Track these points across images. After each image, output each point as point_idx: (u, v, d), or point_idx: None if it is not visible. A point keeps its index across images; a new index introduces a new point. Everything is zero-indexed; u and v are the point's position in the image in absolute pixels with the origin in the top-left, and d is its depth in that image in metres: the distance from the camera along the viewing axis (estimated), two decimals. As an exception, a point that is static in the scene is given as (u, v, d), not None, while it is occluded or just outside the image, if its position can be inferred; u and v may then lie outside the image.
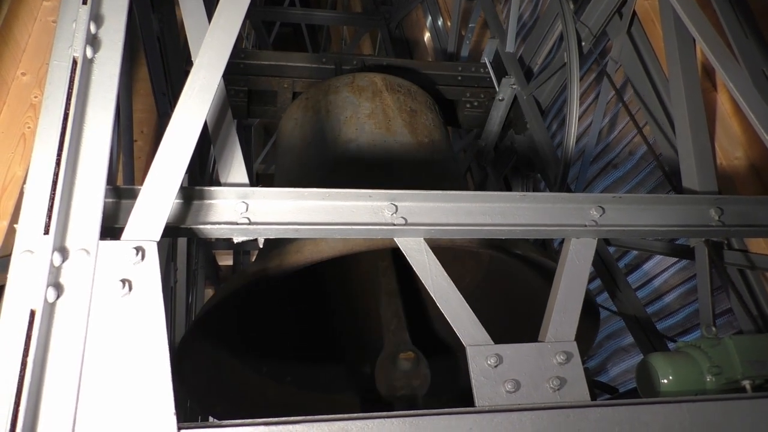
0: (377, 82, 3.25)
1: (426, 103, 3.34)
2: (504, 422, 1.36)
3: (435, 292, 1.65)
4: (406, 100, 3.21)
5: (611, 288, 3.43)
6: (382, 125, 3.00)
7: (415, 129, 3.06)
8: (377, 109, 3.09)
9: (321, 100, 3.21)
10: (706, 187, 2.29)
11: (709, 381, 1.77)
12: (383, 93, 3.19)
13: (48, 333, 1.24)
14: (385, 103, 3.14)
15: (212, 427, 1.27)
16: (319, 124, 3.13)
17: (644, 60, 3.06)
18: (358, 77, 3.28)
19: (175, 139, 1.55)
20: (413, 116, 3.15)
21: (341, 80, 3.28)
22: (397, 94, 3.21)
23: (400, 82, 3.32)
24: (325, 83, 3.31)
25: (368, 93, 3.17)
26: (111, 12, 1.62)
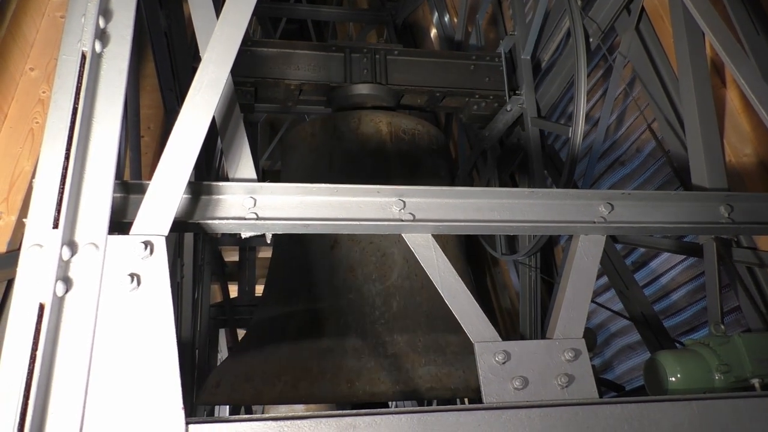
0: (383, 130, 3.26)
1: (429, 146, 3.39)
2: (512, 419, 1.35)
3: (443, 288, 1.65)
4: (409, 151, 3.26)
5: (618, 285, 3.42)
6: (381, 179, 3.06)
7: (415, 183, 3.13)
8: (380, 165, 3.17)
9: (326, 143, 3.24)
10: (716, 184, 2.28)
11: (717, 379, 1.76)
12: (387, 144, 3.23)
13: (57, 327, 1.24)
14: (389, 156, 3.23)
15: (220, 421, 1.27)
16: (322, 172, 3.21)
17: (653, 56, 3.04)
18: (364, 120, 3.28)
19: (183, 134, 1.55)
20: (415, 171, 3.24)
21: (347, 123, 3.28)
22: (401, 143, 3.25)
23: (405, 126, 3.33)
24: (332, 122, 3.32)
25: (372, 144, 3.21)
26: (120, 7, 1.62)
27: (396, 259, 2.90)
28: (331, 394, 2.36)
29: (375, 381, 2.41)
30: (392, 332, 2.64)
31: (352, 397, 2.34)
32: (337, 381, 2.38)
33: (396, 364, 2.49)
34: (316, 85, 3.58)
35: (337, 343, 2.61)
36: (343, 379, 2.38)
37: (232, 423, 1.26)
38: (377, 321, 2.69)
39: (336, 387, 2.35)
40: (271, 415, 1.28)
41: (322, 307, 2.78)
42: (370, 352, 2.55)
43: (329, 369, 2.44)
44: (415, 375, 2.42)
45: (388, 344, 2.58)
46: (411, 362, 2.48)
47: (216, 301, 6.15)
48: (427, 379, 2.40)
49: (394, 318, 2.70)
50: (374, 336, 2.62)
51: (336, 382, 2.37)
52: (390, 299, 2.77)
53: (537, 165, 3.61)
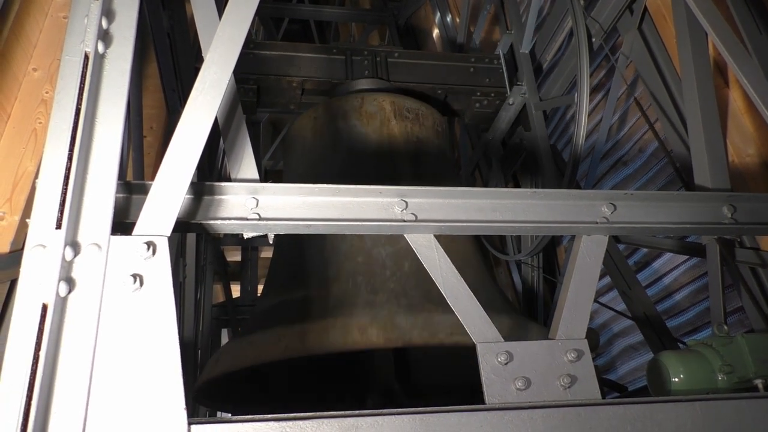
0: (386, 108, 3.24)
1: (433, 126, 3.35)
2: (515, 420, 1.35)
3: (445, 289, 1.65)
4: (413, 129, 3.22)
5: (621, 286, 3.41)
6: (386, 158, 3.05)
7: (419, 163, 3.10)
8: (384, 143, 3.12)
9: (330, 125, 3.21)
10: (719, 185, 2.28)
11: (720, 380, 1.75)
12: (391, 122, 3.19)
13: (60, 327, 1.24)
14: (392, 135, 3.16)
15: (222, 422, 1.27)
16: (326, 154, 3.16)
17: (655, 56, 3.03)
18: (367, 101, 3.26)
19: (186, 135, 1.55)
20: (419, 146, 3.18)
21: (350, 103, 3.26)
22: (405, 121, 3.22)
23: (408, 106, 3.31)
24: (334, 104, 3.30)
25: (376, 123, 3.18)
26: (122, 7, 1.62)
27: None
28: (341, 341, 2.16)
29: (389, 327, 2.20)
30: (405, 288, 2.49)
31: (365, 343, 2.15)
32: (347, 330, 2.18)
33: (412, 312, 2.32)
34: (318, 83, 3.60)
35: (347, 299, 2.46)
36: (354, 328, 2.19)
37: (235, 423, 1.27)
38: (389, 279, 2.53)
39: (347, 335, 2.16)
40: (274, 416, 1.28)
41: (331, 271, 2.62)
42: (382, 304, 2.37)
43: (338, 319, 2.27)
44: (432, 322, 2.24)
45: (401, 296, 2.42)
46: (428, 311, 2.30)
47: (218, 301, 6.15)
48: (447, 326, 2.18)
49: (407, 276, 2.53)
50: (386, 292, 2.47)
51: (347, 331, 2.18)
52: (401, 260, 2.61)
53: (545, 153, 3.59)
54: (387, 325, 2.22)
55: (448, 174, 3.22)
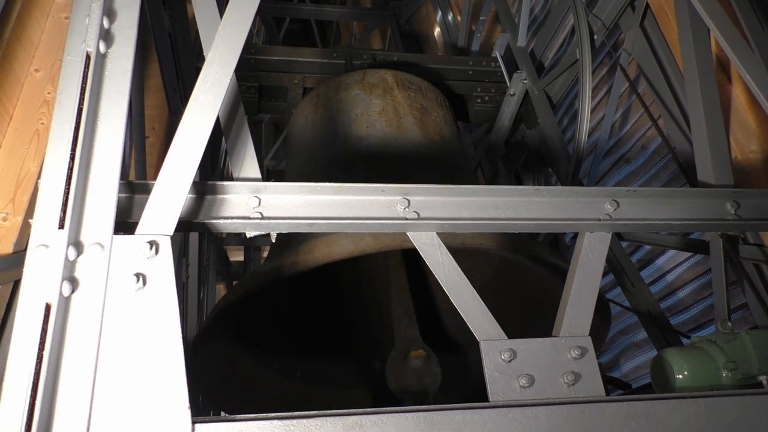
0: (388, 79, 3.23)
1: (437, 99, 3.32)
2: (519, 417, 1.35)
3: (448, 286, 1.65)
4: (416, 97, 3.19)
5: (624, 283, 3.40)
6: (392, 123, 2.98)
7: (426, 126, 3.04)
8: (388, 107, 3.07)
9: (332, 97, 3.19)
10: (722, 181, 2.27)
11: (725, 376, 1.74)
12: (394, 90, 3.17)
13: (63, 327, 1.24)
14: (396, 101, 3.12)
15: (226, 421, 1.27)
16: (329, 122, 3.12)
17: (657, 53, 3.03)
18: (368, 74, 3.26)
19: (188, 134, 1.55)
20: (424, 113, 3.12)
21: (352, 77, 3.26)
22: (408, 91, 3.19)
23: (411, 78, 3.30)
24: (336, 80, 3.30)
25: (379, 90, 3.15)
26: (123, 7, 1.62)
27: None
28: (353, 246, 2.09)
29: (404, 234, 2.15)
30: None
31: (379, 245, 2.08)
32: (360, 236, 2.09)
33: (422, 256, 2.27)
34: (318, 80, 3.61)
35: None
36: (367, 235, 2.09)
37: (239, 422, 1.27)
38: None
39: (359, 241, 2.08)
40: (278, 414, 1.28)
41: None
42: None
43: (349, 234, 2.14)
44: None
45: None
46: None
47: (221, 301, 6.15)
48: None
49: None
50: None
51: (358, 238, 2.10)
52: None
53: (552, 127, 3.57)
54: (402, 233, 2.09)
55: (456, 146, 3.18)
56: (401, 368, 2.24)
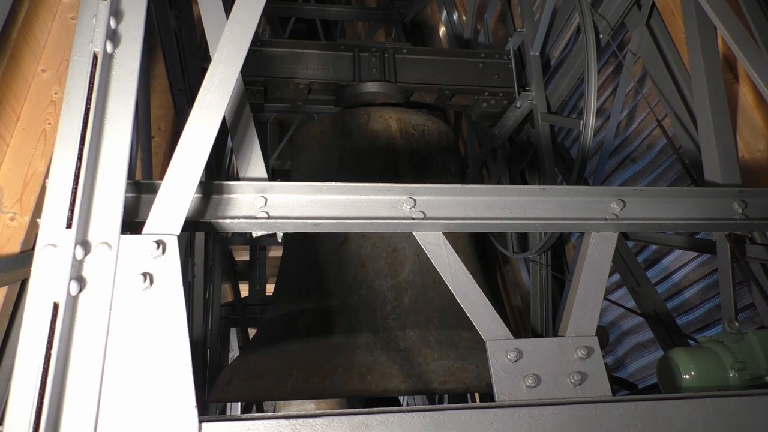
0: (392, 126, 3.27)
1: (439, 143, 3.39)
2: (525, 417, 1.35)
3: (454, 286, 1.65)
4: (418, 147, 3.27)
5: (630, 283, 3.39)
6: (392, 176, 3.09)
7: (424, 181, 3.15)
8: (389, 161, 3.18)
9: (336, 141, 3.24)
10: (729, 180, 2.26)
11: (732, 376, 1.74)
12: (396, 141, 3.23)
13: (71, 326, 1.25)
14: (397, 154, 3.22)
15: (233, 420, 1.28)
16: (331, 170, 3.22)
17: (663, 52, 3.01)
18: (373, 117, 3.29)
19: (194, 134, 1.56)
20: (424, 167, 3.24)
21: (357, 120, 3.28)
22: (411, 140, 3.25)
23: (415, 122, 3.33)
24: (340, 119, 3.32)
25: (381, 142, 3.22)
26: (130, 7, 1.63)
27: (407, 255, 2.90)
28: (342, 388, 2.34)
29: (387, 375, 2.38)
30: (404, 327, 2.62)
31: (364, 391, 2.32)
32: (349, 376, 2.36)
33: (408, 358, 2.47)
34: (325, 84, 3.59)
35: (348, 338, 2.60)
36: (355, 374, 2.37)
37: (246, 421, 1.27)
38: (389, 316, 2.68)
39: (348, 382, 2.34)
40: (284, 414, 1.28)
41: (333, 304, 2.78)
42: (382, 346, 2.53)
43: (341, 364, 2.43)
44: (428, 369, 2.40)
45: (400, 339, 2.56)
46: (424, 356, 2.46)
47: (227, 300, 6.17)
48: (440, 373, 2.38)
49: (406, 313, 2.69)
50: (386, 331, 2.60)
51: (348, 377, 2.36)
52: (402, 294, 2.76)
53: (548, 161, 3.59)
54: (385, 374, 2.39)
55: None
56: None
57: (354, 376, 2.36)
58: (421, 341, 2.55)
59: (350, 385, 2.34)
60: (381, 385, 2.34)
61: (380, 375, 2.37)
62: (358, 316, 2.70)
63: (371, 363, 2.43)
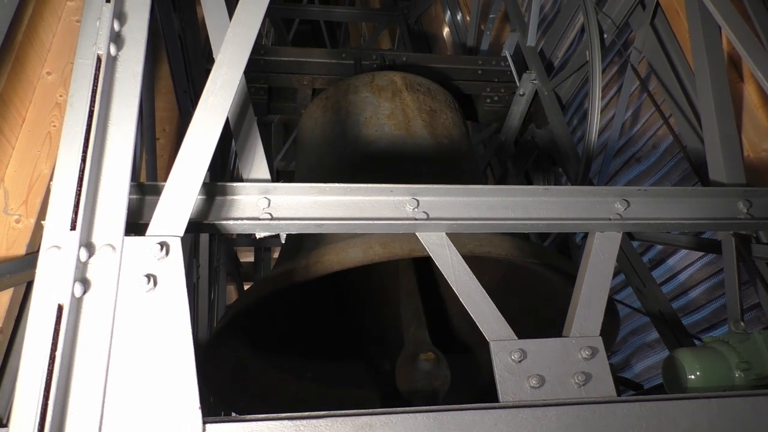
0: (397, 81, 3.23)
1: (446, 101, 3.32)
2: (529, 417, 1.34)
3: (457, 287, 1.64)
4: (425, 99, 3.19)
5: (635, 283, 3.38)
6: (401, 126, 2.98)
7: (435, 129, 3.04)
8: (397, 110, 3.07)
9: (341, 99, 3.19)
10: (734, 180, 2.25)
11: (737, 377, 1.73)
12: (403, 92, 3.17)
13: (75, 328, 1.25)
14: (405, 103, 3.12)
15: (237, 421, 1.28)
16: (339, 125, 3.13)
17: (668, 51, 3.01)
18: (377, 76, 3.26)
19: (198, 136, 1.56)
20: (433, 116, 3.12)
21: (360, 79, 3.26)
22: (417, 93, 3.19)
23: (420, 80, 3.30)
24: (345, 82, 3.30)
25: (388, 93, 3.16)
26: (134, 10, 1.63)
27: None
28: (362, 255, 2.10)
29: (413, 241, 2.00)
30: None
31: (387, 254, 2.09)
32: (368, 245, 2.12)
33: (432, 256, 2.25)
34: (328, 81, 3.62)
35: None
36: (375, 243, 2.12)
37: (249, 422, 1.27)
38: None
39: (368, 250, 2.10)
40: (288, 415, 1.28)
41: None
42: None
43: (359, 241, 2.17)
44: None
45: None
46: None
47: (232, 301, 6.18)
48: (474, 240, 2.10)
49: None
50: None
51: (367, 246, 2.12)
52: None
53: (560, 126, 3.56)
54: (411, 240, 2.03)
55: (465, 148, 3.18)
56: (411, 370, 2.24)
57: (374, 245, 2.13)
58: None
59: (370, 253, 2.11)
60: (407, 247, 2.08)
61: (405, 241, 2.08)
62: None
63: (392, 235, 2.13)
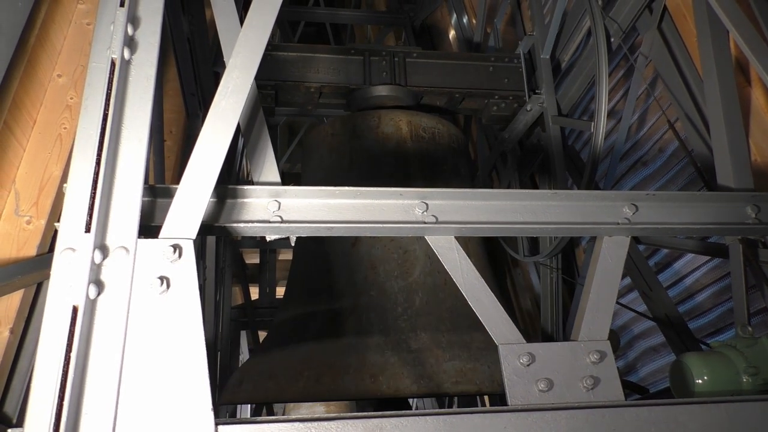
0: (402, 128, 3.28)
1: (449, 145, 3.39)
2: (538, 421, 1.35)
3: (466, 290, 1.65)
4: (429, 150, 3.28)
5: (641, 287, 3.38)
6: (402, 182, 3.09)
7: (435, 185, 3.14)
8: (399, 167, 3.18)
9: (346, 143, 3.26)
10: (742, 184, 2.25)
11: (745, 382, 1.73)
12: (407, 143, 3.24)
13: (90, 329, 1.26)
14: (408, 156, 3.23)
15: (249, 423, 1.29)
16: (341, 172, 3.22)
17: (675, 55, 3.01)
18: (384, 120, 3.30)
19: (210, 139, 1.57)
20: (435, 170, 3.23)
21: (367, 122, 3.30)
22: (421, 142, 3.26)
23: (425, 125, 3.34)
24: (351, 121, 3.34)
25: (392, 144, 3.23)
26: (147, 14, 1.65)
27: (418, 256, 2.89)
28: (354, 389, 2.32)
29: (399, 376, 2.36)
30: (415, 328, 2.61)
31: (375, 392, 2.30)
32: (360, 377, 2.35)
33: (420, 359, 2.46)
34: (336, 88, 3.62)
35: (359, 339, 2.59)
36: (366, 375, 2.35)
37: (261, 424, 1.28)
38: (400, 317, 2.66)
39: (359, 382, 2.32)
40: (299, 417, 1.29)
41: (344, 305, 2.78)
42: (393, 347, 2.51)
43: (352, 365, 2.41)
44: (439, 370, 2.38)
45: (411, 340, 2.55)
46: (435, 357, 2.44)
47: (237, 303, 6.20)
48: (452, 374, 2.36)
49: (417, 314, 2.68)
50: (397, 332, 2.59)
51: (359, 378, 2.34)
52: (413, 296, 2.74)
53: (558, 165, 3.59)
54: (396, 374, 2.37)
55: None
56: None
57: (365, 376, 2.35)
58: (432, 342, 2.54)
59: (361, 386, 2.33)
60: (393, 386, 2.33)
61: (392, 376, 2.35)
62: (368, 317, 2.70)
63: (382, 364, 2.42)
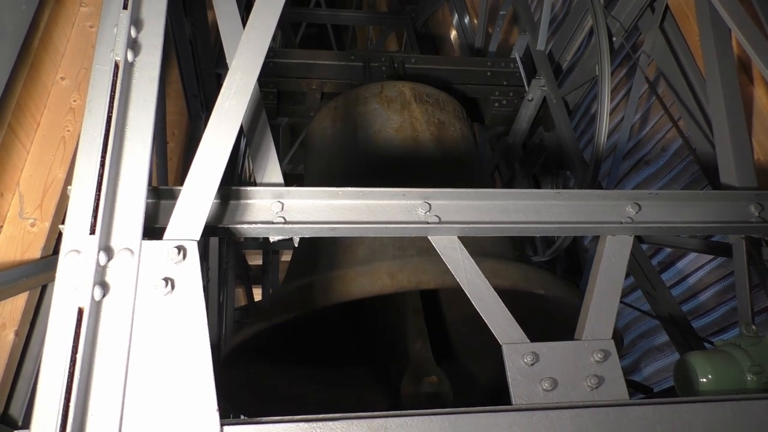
0: (405, 92, 3.24)
1: (454, 112, 3.33)
2: (543, 420, 1.35)
3: (469, 290, 1.65)
4: (434, 111, 3.20)
5: (645, 286, 3.38)
6: (409, 139, 3.00)
7: (443, 142, 3.06)
8: (405, 123, 3.09)
9: (350, 111, 3.21)
10: (745, 183, 2.25)
11: (750, 380, 1.73)
12: (411, 105, 3.18)
13: (95, 330, 1.27)
14: (414, 116, 3.13)
15: (253, 423, 1.29)
16: (347, 137, 3.15)
17: (677, 54, 3.01)
18: (386, 87, 3.27)
19: (213, 140, 1.58)
20: (441, 128, 3.14)
21: (370, 90, 3.27)
22: (426, 105, 3.20)
23: (428, 91, 3.30)
24: (354, 92, 3.31)
25: (396, 105, 3.17)
26: (150, 16, 1.65)
27: None
28: (370, 287, 2.09)
29: (420, 271, 2.10)
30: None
31: (395, 287, 2.09)
32: (377, 276, 2.11)
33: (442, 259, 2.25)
34: (337, 86, 3.63)
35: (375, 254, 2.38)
36: (384, 274, 2.12)
37: (265, 424, 1.28)
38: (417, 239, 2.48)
39: (376, 281, 2.09)
40: (303, 417, 1.29)
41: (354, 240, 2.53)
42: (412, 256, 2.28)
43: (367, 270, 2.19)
44: None
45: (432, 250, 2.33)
46: None
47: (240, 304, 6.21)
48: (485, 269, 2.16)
49: None
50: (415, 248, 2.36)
51: (376, 278, 2.11)
52: None
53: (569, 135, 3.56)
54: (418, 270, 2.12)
55: (473, 159, 3.19)
56: (415, 390, 2.29)
57: (383, 275, 2.12)
58: None
59: (378, 284, 2.09)
60: (414, 279, 2.09)
61: (413, 271, 2.10)
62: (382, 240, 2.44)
63: (402, 264, 2.17)
